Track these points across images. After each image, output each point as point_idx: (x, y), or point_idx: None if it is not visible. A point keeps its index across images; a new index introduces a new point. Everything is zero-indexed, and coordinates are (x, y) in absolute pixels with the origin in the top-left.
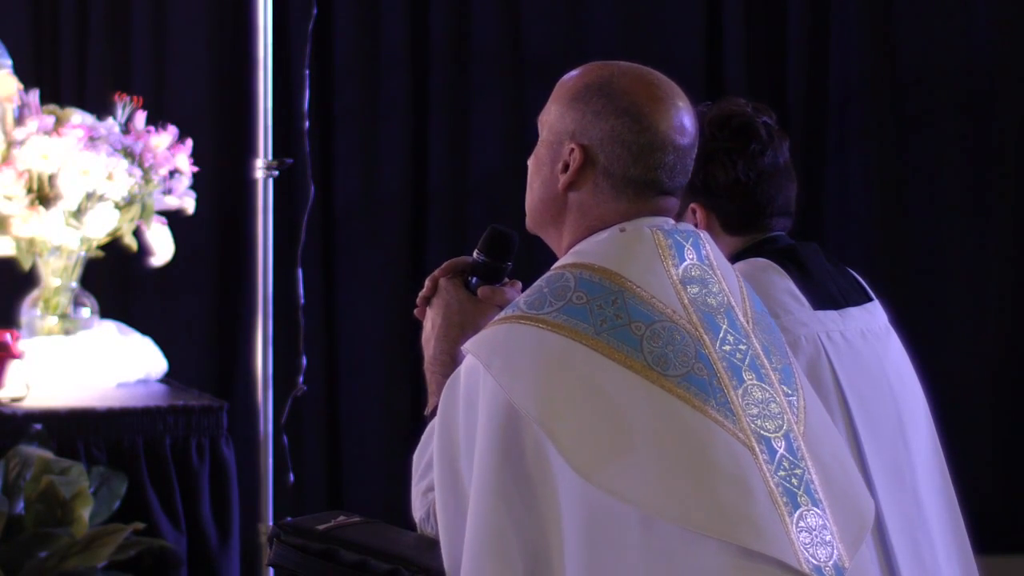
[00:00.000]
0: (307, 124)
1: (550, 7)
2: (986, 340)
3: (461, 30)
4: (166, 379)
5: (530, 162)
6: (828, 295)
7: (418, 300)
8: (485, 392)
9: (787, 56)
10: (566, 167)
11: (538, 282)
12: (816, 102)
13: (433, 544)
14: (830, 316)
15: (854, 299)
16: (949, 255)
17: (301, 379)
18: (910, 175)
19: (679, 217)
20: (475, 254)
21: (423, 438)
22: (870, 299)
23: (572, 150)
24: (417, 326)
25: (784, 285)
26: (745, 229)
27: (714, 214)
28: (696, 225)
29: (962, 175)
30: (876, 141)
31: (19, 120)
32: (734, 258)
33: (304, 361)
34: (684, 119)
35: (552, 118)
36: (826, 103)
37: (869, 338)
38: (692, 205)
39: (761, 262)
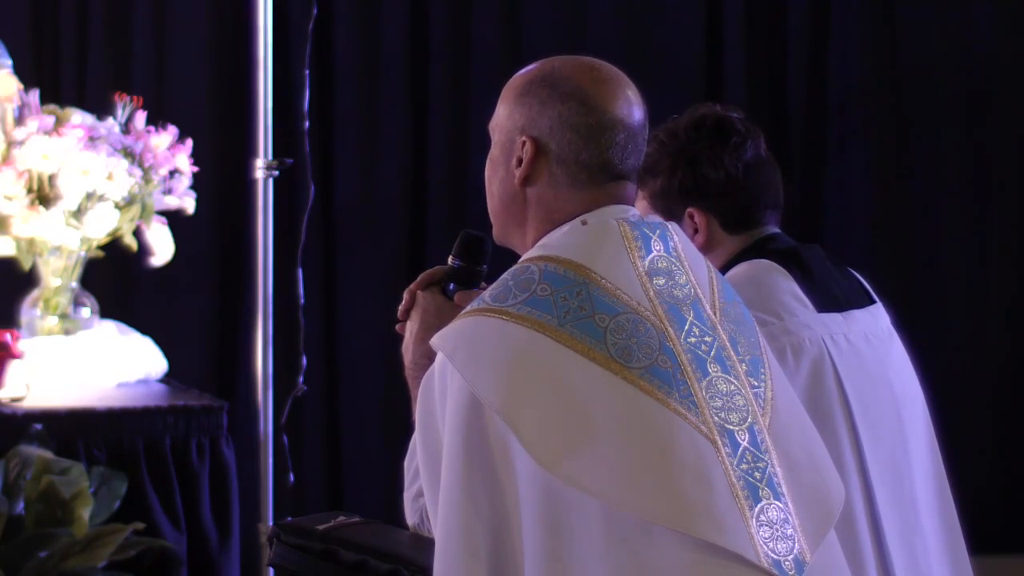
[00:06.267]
0: (307, 124)
1: (550, 7)
2: (986, 339)
3: (461, 30)
4: (166, 379)
5: (487, 170)
6: (831, 297)
7: (399, 314)
8: (452, 384)
9: (787, 56)
10: (520, 162)
11: (504, 275)
12: (816, 102)
13: (433, 544)
14: (834, 319)
15: (857, 301)
16: (949, 255)
17: (301, 379)
18: (910, 175)
19: (676, 220)
20: (450, 260)
21: (411, 445)
22: (873, 301)
23: (523, 143)
24: None
25: (787, 287)
26: (744, 226)
27: (712, 215)
28: (696, 231)
29: (962, 175)
30: (876, 141)
31: (19, 120)
32: (735, 258)
33: (304, 361)
34: (631, 99)
35: (501, 120)
36: (826, 103)
37: (872, 341)
38: (689, 210)
39: (764, 263)
